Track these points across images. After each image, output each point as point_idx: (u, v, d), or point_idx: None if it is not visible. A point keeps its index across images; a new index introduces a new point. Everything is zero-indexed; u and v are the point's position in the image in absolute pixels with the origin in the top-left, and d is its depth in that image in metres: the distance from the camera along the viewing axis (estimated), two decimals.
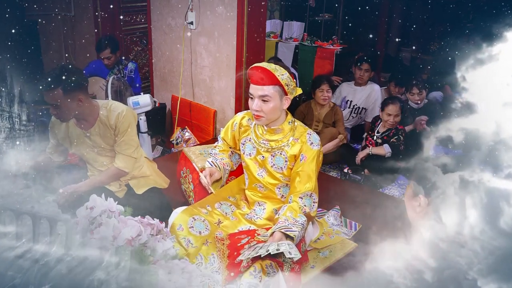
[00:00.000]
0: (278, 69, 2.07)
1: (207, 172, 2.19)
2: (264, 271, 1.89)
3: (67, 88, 2.25)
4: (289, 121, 2.19)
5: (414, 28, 6.44)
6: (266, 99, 2.06)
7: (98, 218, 1.46)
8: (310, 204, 2.10)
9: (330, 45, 5.98)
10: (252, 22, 3.78)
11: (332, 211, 2.88)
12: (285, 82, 2.07)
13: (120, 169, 2.51)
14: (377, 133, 3.86)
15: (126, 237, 1.41)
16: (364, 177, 3.70)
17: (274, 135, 2.18)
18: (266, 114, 2.08)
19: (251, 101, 2.11)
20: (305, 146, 2.13)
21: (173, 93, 4.45)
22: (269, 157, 2.19)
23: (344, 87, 4.65)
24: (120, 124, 2.43)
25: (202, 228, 2.10)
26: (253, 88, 2.08)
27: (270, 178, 2.23)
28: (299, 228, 1.98)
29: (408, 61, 6.72)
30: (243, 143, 2.29)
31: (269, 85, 2.04)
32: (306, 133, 2.16)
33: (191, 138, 4.26)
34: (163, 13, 4.26)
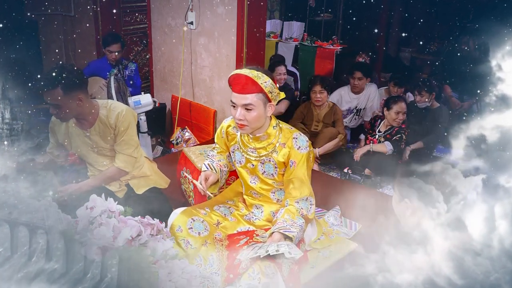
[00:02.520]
0: (261, 76, 1.98)
1: (202, 177, 2.16)
2: (263, 273, 1.88)
3: (66, 88, 2.24)
4: (273, 125, 2.12)
5: (414, 27, 6.44)
6: (250, 107, 1.98)
7: (98, 218, 1.46)
8: (307, 207, 2.09)
9: (330, 45, 5.98)
10: (252, 22, 3.77)
11: (332, 211, 2.88)
12: (268, 90, 1.99)
13: (120, 169, 2.50)
14: (378, 132, 3.86)
15: (126, 237, 1.41)
16: (364, 177, 3.70)
17: (260, 143, 2.13)
18: (250, 123, 2.02)
19: (234, 109, 2.03)
20: (293, 151, 2.08)
21: (173, 93, 4.45)
22: (259, 164, 2.16)
23: (344, 96, 4.60)
24: (120, 123, 2.43)
25: (201, 229, 2.09)
26: (236, 97, 2.00)
27: (263, 184, 2.21)
28: (297, 229, 1.98)
29: (408, 61, 6.73)
30: (233, 151, 2.26)
31: (252, 93, 1.97)
32: (292, 138, 2.09)
33: (191, 138, 4.26)
34: (163, 13, 4.26)
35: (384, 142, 3.76)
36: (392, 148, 3.71)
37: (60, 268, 1.23)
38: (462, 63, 5.01)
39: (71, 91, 2.27)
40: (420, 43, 6.60)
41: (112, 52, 4.15)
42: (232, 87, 2.03)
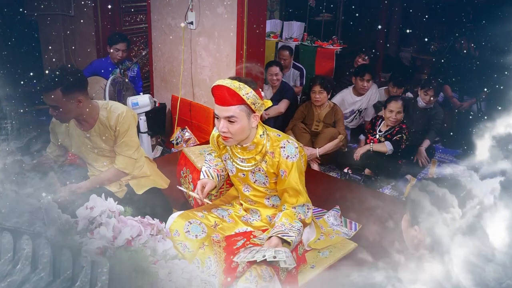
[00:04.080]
0: (243, 87, 1.91)
1: (198, 187, 2.16)
2: (260, 276, 1.88)
3: (66, 90, 2.24)
4: (260, 134, 2.07)
5: (414, 27, 6.44)
6: (233, 120, 1.93)
7: (98, 218, 1.46)
8: (304, 211, 2.09)
9: (330, 45, 5.98)
10: (252, 22, 3.78)
11: (332, 211, 2.88)
12: (251, 101, 1.93)
13: (120, 170, 2.51)
14: (379, 132, 3.87)
15: (126, 237, 1.40)
16: (364, 177, 3.70)
17: (249, 152, 2.10)
18: (234, 135, 1.97)
19: (217, 121, 1.99)
20: (282, 161, 2.03)
21: (173, 93, 4.45)
22: (250, 174, 2.15)
23: (347, 99, 4.59)
24: (120, 125, 2.43)
25: (199, 231, 2.08)
26: (218, 109, 1.95)
27: (256, 192, 2.21)
28: (295, 233, 1.98)
29: (408, 61, 6.73)
30: (225, 160, 2.25)
31: (234, 105, 1.91)
32: (279, 148, 2.03)
33: (191, 138, 4.25)
34: (163, 13, 4.26)
35: (384, 142, 3.76)
36: (392, 148, 3.72)
37: (46, 277, 1.14)
38: (463, 63, 5.01)
39: (70, 93, 2.26)
40: (420, 43, 6.60)
41: (118, 51, 4.17)
42: (214, 98, 1.97)
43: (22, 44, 4.37)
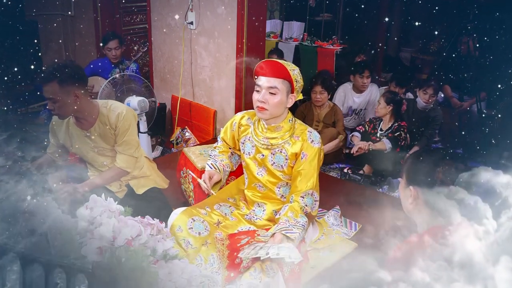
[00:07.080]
0: (290, 64, 2.08)
1: (206, 176, 2.17)
2: (264, 272, 1.88)
3: (62, 82, 2.24)
4: (289, 119, 2.17)
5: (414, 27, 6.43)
6: (274, 91, 2.04)
7: (98, 218, 1.45)
8: (312, 203, 2.09)
9: (330, 45, 5.97)
10: (252, 22, 3.78)
11: (332, 211, 2.88)
12: (295, 78, 2.06)
13: (121, 169, 2.51)
14: (380, 131, 3.88)
15: (126, 237, 1.40)
16: (364, 177, 3.70)
17: (274, 133, 2.17)
18: (271, 107, 2.06)
19: (257, 93, 2.08)
20: (306, 144, 2.12)
21: (173, 93, 4.45)
22: (269, 155, 2.18)
23: (347, 95, 4.59)
24: (121, 124, 2.43)
25: (202, 229, 2.09)
26: (262, 80, 2.07)
27: (270, 177, 2.22)
28: (300, 229, 1.98)
29: (408, 61, 6.72)
30: (243, 142, 2.28)
31: (279, 78, 2.04)
32: (306, 131, 2.15)
33: (191, 138, 4.25)
34: (163, 13, 4.26)
35: (383, 139, 3.76)
36: (391, 145, 3.72)
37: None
38: (463, 63, 5.01)
39: (67, 86, 2.26)
40: (420, 43, 6.60)
41: (111, 49, 4.17)
42: (260, 71, 2.08)
43: (22, 44, 4.37)
